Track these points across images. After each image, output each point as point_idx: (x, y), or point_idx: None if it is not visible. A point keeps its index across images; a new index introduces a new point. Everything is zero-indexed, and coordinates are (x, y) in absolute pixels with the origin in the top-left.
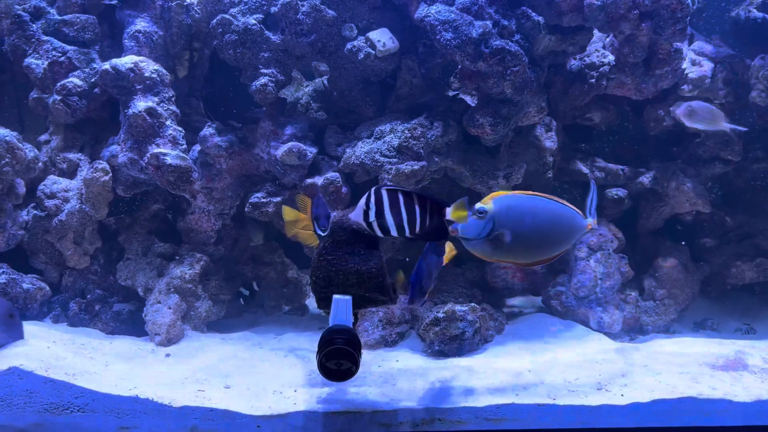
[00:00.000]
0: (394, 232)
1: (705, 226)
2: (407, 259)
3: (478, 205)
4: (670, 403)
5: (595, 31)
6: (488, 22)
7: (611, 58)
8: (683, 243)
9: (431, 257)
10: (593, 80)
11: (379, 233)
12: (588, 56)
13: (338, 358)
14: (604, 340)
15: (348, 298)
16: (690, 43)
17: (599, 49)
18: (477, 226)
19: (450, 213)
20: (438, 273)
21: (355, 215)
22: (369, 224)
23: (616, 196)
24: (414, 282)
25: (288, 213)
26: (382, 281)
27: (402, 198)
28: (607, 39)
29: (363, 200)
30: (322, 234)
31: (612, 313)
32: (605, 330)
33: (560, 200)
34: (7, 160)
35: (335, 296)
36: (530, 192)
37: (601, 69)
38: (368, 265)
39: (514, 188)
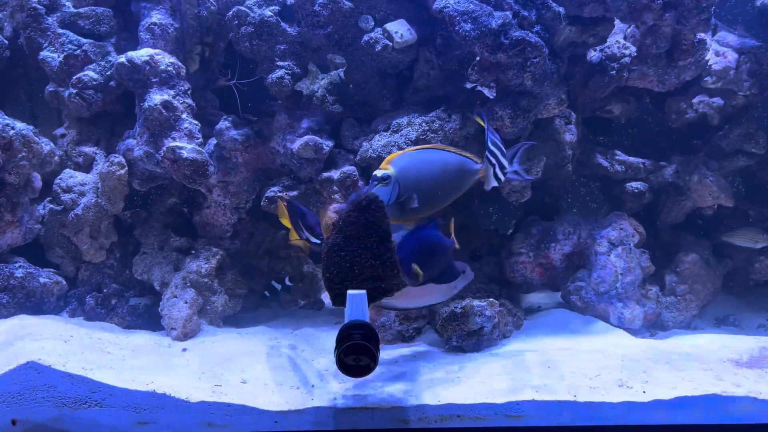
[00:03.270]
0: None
1: (727, 221)
2: None
3: (379, 173)
4: (693, 400)
5: (617, 22)
6: (508, 13)
7: (633, 49)
8: (705, 237)
9: (435, 232)
10: (614, 72)
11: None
12: (609, 47)
13: (356, 354)
14: (624, 336)
15: (362, 292)
16: (713, 34)
17: (620, 40)
18: (385, 193)
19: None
20: (449, 255)
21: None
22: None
23: (636, 190)
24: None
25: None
26: (397, 273)
27: None
28: (629, 30)
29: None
30: (319, 242)
31: (632, 309)
32: (626, 326)
33: (450, 148)
34: (23, 153)
35: (349, 291)
36: (419, 146)
37: (622, 60)
38: (383, 258)
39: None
